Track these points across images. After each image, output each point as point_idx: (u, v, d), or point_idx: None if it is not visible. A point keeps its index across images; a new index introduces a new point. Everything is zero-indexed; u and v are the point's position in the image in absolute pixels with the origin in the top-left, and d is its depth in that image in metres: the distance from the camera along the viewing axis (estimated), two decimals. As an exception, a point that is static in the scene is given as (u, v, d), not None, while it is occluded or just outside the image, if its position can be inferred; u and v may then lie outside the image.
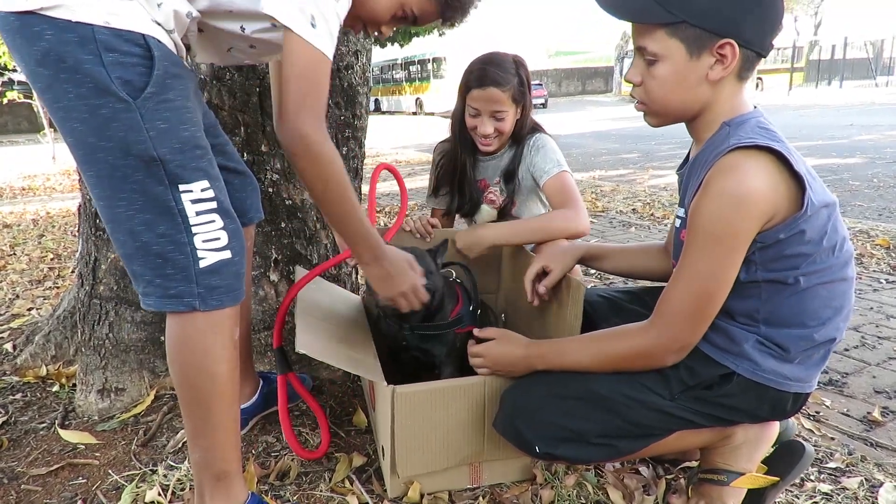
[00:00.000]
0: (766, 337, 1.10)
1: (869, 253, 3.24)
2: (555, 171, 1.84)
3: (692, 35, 1.03)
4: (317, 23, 1.02)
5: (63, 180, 7.91)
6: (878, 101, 18.16)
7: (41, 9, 0.91)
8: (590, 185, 5.93)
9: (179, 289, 1.03)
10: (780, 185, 0.99)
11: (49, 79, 0.95)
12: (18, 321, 2.46)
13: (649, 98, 1.12)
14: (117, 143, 0.96)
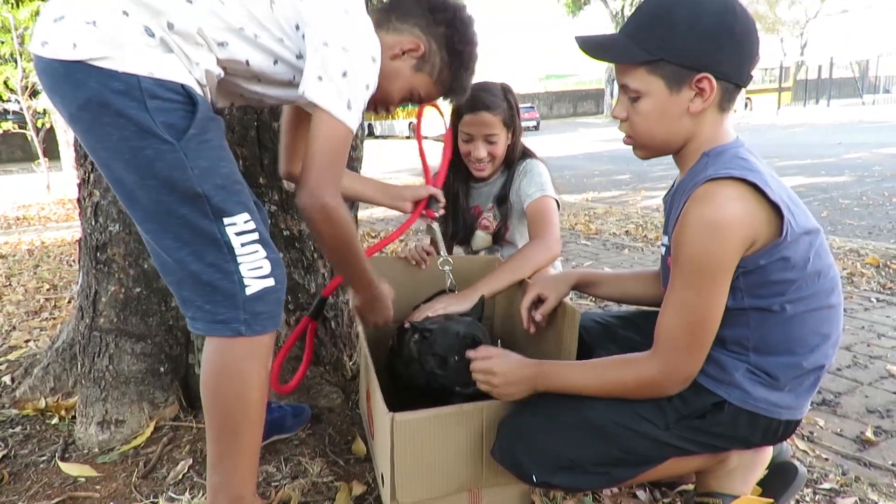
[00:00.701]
0: (755, 365, 1.12)
1: (859, 272, 3.28)
2: (536, 195, 1.89)
3: (670, 71, 1.08)
4: (352, 105, 1.13)
5: (58, 210, 7.92)
6: (866, 119, 18.42)
7: (90, 59, 0.99)
8: (583, 208, 5.98)
9: (227, 315, 1.10)
10: (757, 211, 1.02)
11: (90, 122, 1.03)
12: (16, 353, 2.46)
13: (635, 132, 1.17)
14: (162, 181, 1.04)
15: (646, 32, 1.09)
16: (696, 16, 1.05)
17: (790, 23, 42.20)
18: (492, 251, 2.14)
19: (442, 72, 1.34)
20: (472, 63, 1.38)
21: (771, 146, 11.48)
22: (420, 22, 1.30)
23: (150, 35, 1.03)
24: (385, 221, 5.77)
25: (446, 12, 1.31)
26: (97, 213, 1.75)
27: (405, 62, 1.30)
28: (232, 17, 1.10)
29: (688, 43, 1.06)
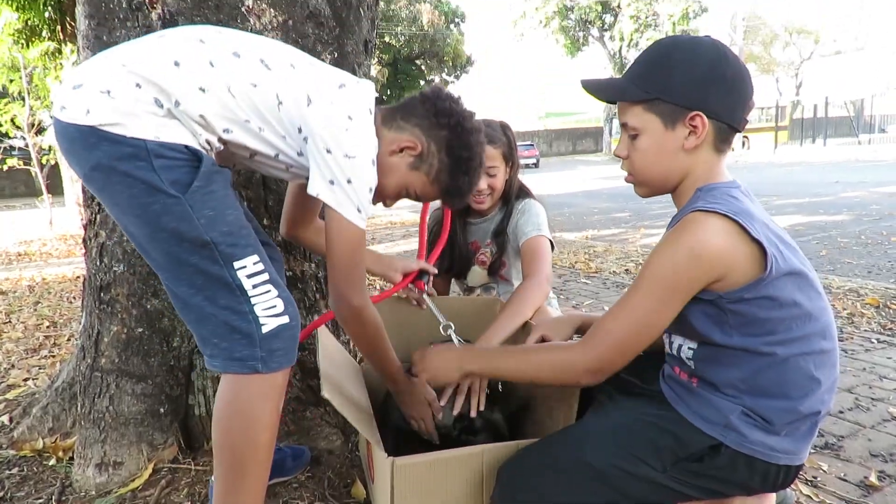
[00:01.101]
0: (750, 408, 1.12)
1: (859, 312, 3.28)
2: (532, 234, 1.93)
3: (666, 109, 1.15)
4: (362, 209, 1.21)
5: (60, 246, 7.96)
6: (862, 158, 18.62)
7: (101, 125, 1.07)
8: (583, 246, 6.01)
9: (244, 353, 1.15)
10: (738, 246, 1.06)
11: (103, 182, 1.12)
12: (14, 392, 2.45)
13: (635, 169, 1.23)
14: (170, 233, 1.11)
15: (645, 74, 1.17)
16: (692, 61, 1.14)
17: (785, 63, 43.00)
18: (487, 289, 2.15)
19: (440, 173, 1.37)
20: (473, 170, 1.39)
21: (769, 184, 11.59)
22: (423, 123, 1.34)
23: (158, 106, 1.11)
24: (386, 258, 5.79)
25: (451, 117, 1.34)
26: (102, 254, 1.77)
27: (402, 159, 1.34)
28: (239, 110, 1.17)
29: (682, 84, 1.13)
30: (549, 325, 1.55)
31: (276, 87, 1.19)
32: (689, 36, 1.21)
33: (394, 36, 26.33)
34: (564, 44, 35.36)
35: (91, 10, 1.71)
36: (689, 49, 1.15)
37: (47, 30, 6.58)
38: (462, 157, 1.36)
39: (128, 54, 1.14)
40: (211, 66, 1.15)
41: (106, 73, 1.11)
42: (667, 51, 1.17)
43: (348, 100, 1.25)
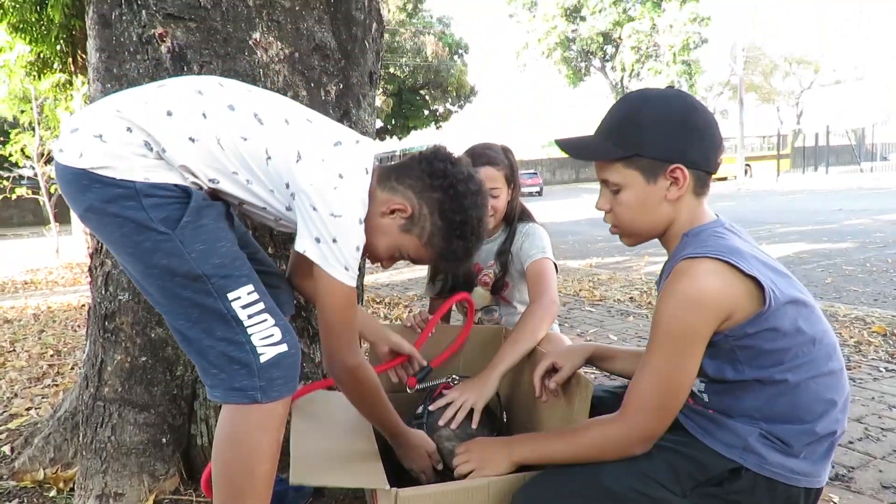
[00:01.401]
0: (768, 432, 1.13)
1: (867, 341, 3.25)
2: (538, 256, 1.95)
3: (646, 164, 1.18)
4: (349, 267, 1.21)
5: (66, 274, 7.99)
6: (865, 185, 18.65)
7: (93, 168, 1.11)
8: (587, 274, 6.00)
9: (244, 383, 1.14)
10: (735, 284, 1.08)
11: (96, 222, 1.15)
12: (17, 421, 2.44)
13: (620, 221, 1.26)
14: (162, 269, 1.13)
15: (620, 131, 1.20)
16: (665, 115, 1.17)
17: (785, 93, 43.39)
18: (489, 311, 2.14)
19: (433, 237, 1.33)
20: (469, 233, 1.34)
21: (772, 212, 11.60)
22: (416, 184, 1.31)
23: (148, 149, 1.14)
24: (390, 286, 5.79)
25: (444, 179, 1.31)
26: (108, 282, 1.78)
27: (393, 221, 1.32)
28: (227, 162, 1.19)
29: (659, 139, 1.16)
30: (560, 354, 1.54)
31: (267, 141, 1.20)
32: (656, 89, 1.24)
33: (398, 67, 26.72)
34: (567, 74, 35.84)
35: (102, 44, 1.75)
36: (660, 103, 1.18)
37: (59, 62, 6.68)
38: (455, 220, 1.32)
39: (124, 101, 1.18)
40: (203, 117, 1.17)
41: (100, 118, 1.15)
42: (638, 106, 1.20)
43: (341, 158, 1.24)
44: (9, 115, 10.32)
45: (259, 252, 1.51)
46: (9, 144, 9.71)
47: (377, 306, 4.83)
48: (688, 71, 31.91)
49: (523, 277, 2.04)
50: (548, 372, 1.55)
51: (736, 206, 13.97)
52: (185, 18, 1.67)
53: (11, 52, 7.90)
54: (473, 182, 1.34)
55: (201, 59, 1.69)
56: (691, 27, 30.96)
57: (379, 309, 4.73)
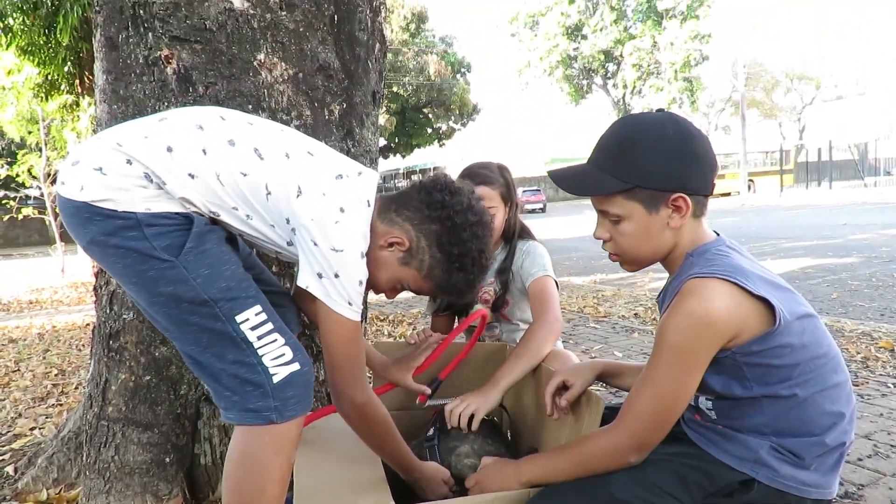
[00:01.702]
0: (779, 445, 1.14)
1: (874, 356, 3.23)
2: (539, 274, 1.95)
3: (647, 195, 1.17)
4: (353, 302, 1.20)
5: (71, 293, 8.01)
6: (869, 200, 18.62)
7: (93, 201, 1.12)
8: (591, 290, 5.99)
9: (258, 404, 1.14)
10: (743, 304, 1.08)
11: (99, 254, 1.16)
12: (20, 441, 2.44)
13: (622, 250, 1.25)
14: (168, 296, 1.14)
15: (617, 162, 1.18)
16: (662, 143, 1.16)
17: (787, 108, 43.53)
18: (490, 327, 2.14)
19: (432, 270, 1.30)
20: (470, 265, 1.31)
21: (776, 227, 11.59)
22: (414, 216, 1.29)
23: (148, 181, 1.14)
24: (394, 304, 5.79)
25: (442, 210, 1.27)
26: (112, 301, 1.78)
27: (392, 254, 1.29)
28: (227, 197, 1.18)
29: (658, 169, 1.16)
30: (570, 371, 1.53)
31: (266, 176, 1.19)
32: (650, 115, 1.22)
33: (402, 86, 26.94)
34: (568, 92, 36.07)
35: (109, 66, 1.77)
36: (657, 131, 1.17)
37: (66, 83, 6.77)
38: (454, 253, 1.28)
39: (124, 134, 1.18)
40: (203, 153, 1.17)
41: (100, 151, 1.15)
42: (633, 135, 1.18)
43: (343, 191, 1.23)
44: (16, 135, 10.43)
45: (264, 272, 1.51)
46: (16, 165, 9.80)
47: (381, 324, 4.83)
48: (689, 87, 32.10)
49: (524, 295, 2.04)
50: (558, 389, 1.54)
51: (740, 221, 13.96)
52: (190, 40, 1.70)
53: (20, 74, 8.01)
54: (473, 212, 1.30)
55: (206, 80, 1.71)
56: (692, 44, 31.20)
57: (383, 326, 4.73)
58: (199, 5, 1.69)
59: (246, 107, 1.74)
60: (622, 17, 33.91)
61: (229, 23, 1.72)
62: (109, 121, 1.77)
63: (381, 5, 2.12)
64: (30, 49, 6.19)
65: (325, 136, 1.88)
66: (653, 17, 32.71)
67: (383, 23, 2.14)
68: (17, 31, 5.99)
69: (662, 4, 32.04)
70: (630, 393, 1.18)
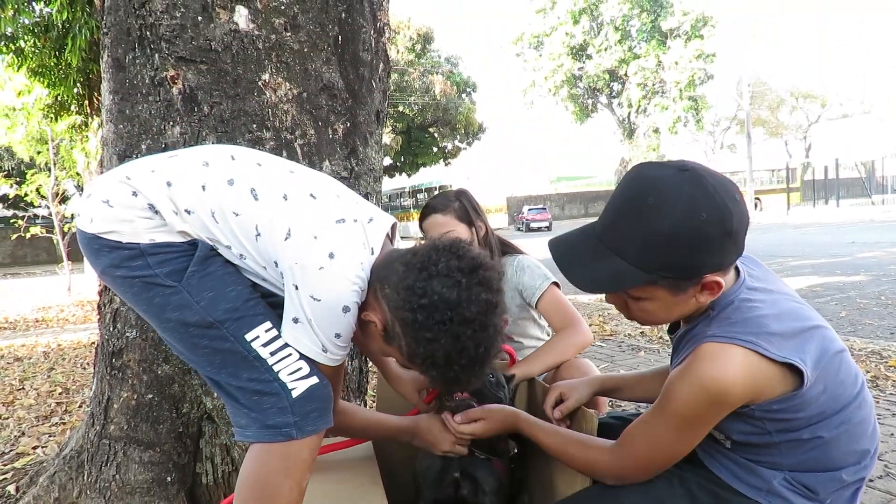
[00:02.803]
0: (793, 479, 1.10)
1: (883, 375, 3.19)
2: (545, 285, 1.93)
3: (672, 282, 1.05)
4: (328, 349, 1.14)
5: (77, 311, 8.04)
6: (876, 218, 18.55)
7: (101, 233, 1.15)
8: (597, 309, 5.96)
9: (277, 420, 1.12)
10: (763, 371, 1.01)
11: (111, 282, 1.20)
12: (23, 460, 2.43)
13: (642, 321, 1.16)
14: (176, 322, 1.15)
15: (637, 249, 1.03)
16: (694, 231, 0.99)
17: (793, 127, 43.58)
18: None
19: (414, 357, 1.14)
20: (465, 363, 1.11)
21: (784, 245, 11.54)
22: (392, 297, 1.12)
23: (153, 212, 1.16)
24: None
25: (421, 298, 1.08)
26: (116, 320, 1.78)
27: (375, 328, 1.18)
28: (221, 235, 1.17)
29: (690, 259, 1.02)
30: (565, 386, 1.52)
31: (257, 217, 1.15)
32: (674, 182, 1.01)
33: (407, 105, 27.16)
34: (573, 111, 36.26)
35: (115, 86, 1.79)
36: (687, 213, 0.99)
37: (76, 104, 6.86)
38: (436, 352, 1.09)
39: (133, 168, 1.21)
40: (202, 189, 1.16)
41: (109, 184, 1.19)
42: (658, 216, 1.00)
43: (339, 236, 1.14)
44: (25, 155, 10.56)
45: None
46: (25, 184, 9.91)
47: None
48: (694, 106, 32.23)
49: (524, 310, 2.03)
50: (557, 403, 1.53)
51: (747, 239, 13.87)
52: (196, 61, 1.72)
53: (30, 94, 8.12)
54: (476, 303, 1.09)
55: (211, 100, 1.73)
56: (696, 64, 31.36)
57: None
58: (204, 27, 1.71)
59: (251, 126, 1.76)
60: (626, 37, 34.18)
61: (234, 44, 1.74)
62: (115, 140, 1.79)
63: (385, 26, 2.14)
64: (40, 70, 6.28)
65: (329, 155, 1.89)
66: (657, 37, 32.96)
67: (387, 43, 2.17)
68: (28, 53, 6.09)
69: (667, 24, 32.31)
70: (631, 426, 1.16)
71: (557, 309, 1.91)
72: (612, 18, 33.77)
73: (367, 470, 1.56)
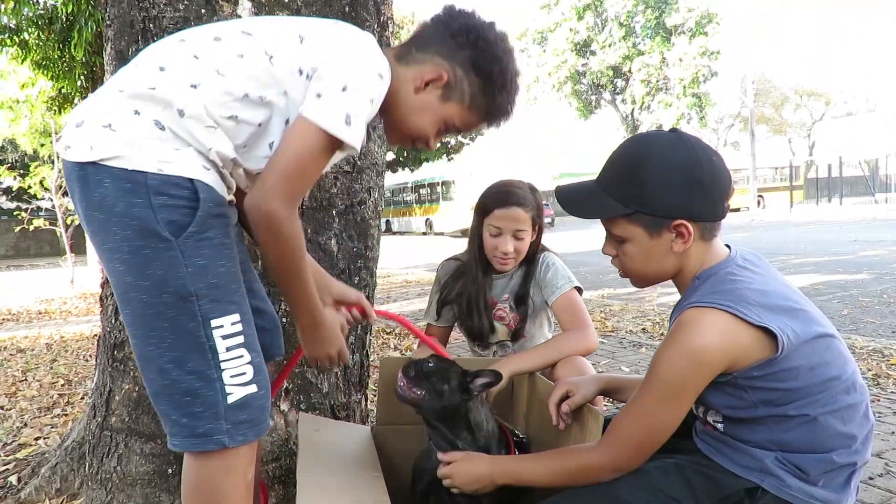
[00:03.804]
0: (784, 458, 1.12)
1: (885, 373, 3.19)
2: (567, 288, 1.93)
3: (648, 220, 1.18)
4: (352, 120, 1.09)
5: (80, 304, 8.05)
6: (879, 216, 18.49)
7: (101, 160, 1.03)
8: (598, 305, 5.96)
9: (208, 426, 1.05)
10: (742, 335, 1.07)
11: (101, 222, 1.04)
12: (25, 451, 2.44)
13: (626, 269, 1.27)
14: (155, 281, 1.03)
15: (620, 186, 1.19)
16: (665, 170, 1.15)
17: (797, 125, 43.46)
18: (503, 345, 2.13)
19: (475, 97, 1.26)
20: (509, 81, 1.27)
21: (786, 243, 11.51)
22: (441, 49, 1.23)
23: (160, 129, 1.05)
24: (400, 317, 5.77)
25: (469, 34, 1.23)
26: (118, 312, 1.79)
27: (431, 94, 1.24)
28: (235, 87, 1.10)
29: (659, 197, 1.15)
30: (572, 383, 1.53)
31: (263, 45, 1.12)
32: (658, 136, 1.21)
33: (410, 100, 27.04)
34: (577, 107, 36.16)
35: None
36: (661, 156, 1.16)
37: (79, 97, 6.88)
38: (493, 72, 1.24)
39: (122, 78, 1.12)
40: (196, 58, 1.10)
41: (105, 106, 1.08)
42: (639, 160, 1.18)
43: (350, 28, 1.21)
44: (29, 148, 10.57)
45: (255, 282, 1.41)
46: (28, 177, 9.92)
47: (387, 337, 4.82)
48: (698, 103, 32.13)
49: (542, 308, 2.03)
50: (562, 399, 1.54)
51: (749, 237, 13.88)
52: (199, 53, 1.71)
53: (34, 87, 8.14)
54: (493, 29, 1.27)
55: (214, 93, 1.73)
56: (701, 61, 31.25)
57: (389, 339, 4.72)
58: (208, 19, 1.71)
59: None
60: (631, 34, 34.05)
61: (238, 36, 1.73)
62: (118, 132, 1.79)
63: (388, 20, 2.13)
64: (44, 63, 6.29)
65: (332, 149, 1.88)
66: (661, 34, 32.84)
67: (391, 37, 2.16)
68: (33, 46, 6.09)
69: (671, 21, 32.17)
70: (617, 415, 1.20)
71: (571, 310, 1.91)
72: (617, 14, 33.63)
73: (366, 458, 1.57)
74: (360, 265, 2.02)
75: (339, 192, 1.94)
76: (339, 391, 1.96)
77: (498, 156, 28.47)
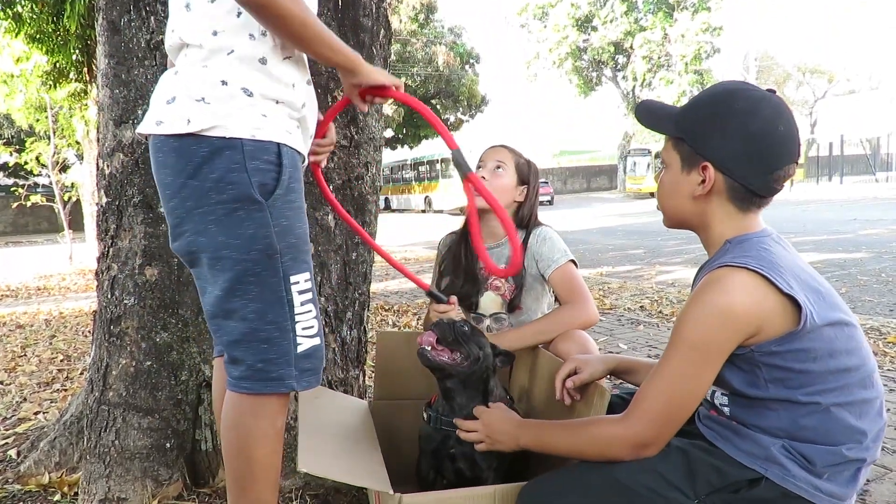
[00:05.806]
0: (791, 447, 1.10)
1: (882, 351, 3.20)
2: (563, 261, 1.92)
3: (686, 152, 1.19)
4: None
5: (78, 280, 8.06)
6: (880, 195, 18.46)
7: (201, 131, 1.09)
8: (597, 282, 5.96)
9: (281, 371, 1.15)
10: (770, 300, 1.05)
11: (198, 190, 1.11)
12: (24, 426, 2.45)
13: (657, 196, 1.29)
14: (245, 239, 1.11)
15: (685, 111, 1.21)
16: (730, 115, 1.14)
17: (799, 102, 43.15)
18: (498, 319, 2.12)
19: None
20: None
21: (786, 222, 11.49)
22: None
23: (248, 95, 1.12)
24: (399, 294, 5.78)
25: None
26: (114, 287, 1.78)
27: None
28: None
29: (709, 136, 1.15)
30: (582, 360, 1.51)
31: None
32: (756, 91, 1.17)
33: (410, 76, 26.85)
34: (577, 84, 35.82)
35: (111, 50, 1.76)
36: (740, 104, 1.14)
37: (74, 71, 6.79)
38: None
39: (191, 53, 1.15)
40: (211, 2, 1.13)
41: (192, 80, 1.13)
42: (722, 97, 1.17)
43: None
44: (25, 123, 10.48)
45: None
46: (24, 153, 9.85)
47: (385, 314, 4.82)
48: (700, 80, 31.81)
49: (536, 281, 2.02)
50: (570, 375, 1.53)
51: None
52: (192, 24, 1.68)
53: (28, 61, 8.03)
54: None
55: (209, 65, 1.70)
56: (703, 37, 30.89)
57: (388, 316, 4.72)
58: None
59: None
60: (633, 9, 33.59)
61: (232, 7, 1.70)
62: (112, 105, 1.76)
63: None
64: (38, 37, 6.19)
65: (328, 123, 1.86)
66: (664, 9, 32.40)
67: (388, 9, 2.12)
68: (26, 19, 5.99)
69: (674, -4, 31.72)
70: (642, 386, 1.14)
71: (569, 283, 1.90)
72: (619, -11, 33.16)
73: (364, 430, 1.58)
74: (358, 241, 2.01)
75: (337, 166, 1.92)
76: (337, 366, 1.96)
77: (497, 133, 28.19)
